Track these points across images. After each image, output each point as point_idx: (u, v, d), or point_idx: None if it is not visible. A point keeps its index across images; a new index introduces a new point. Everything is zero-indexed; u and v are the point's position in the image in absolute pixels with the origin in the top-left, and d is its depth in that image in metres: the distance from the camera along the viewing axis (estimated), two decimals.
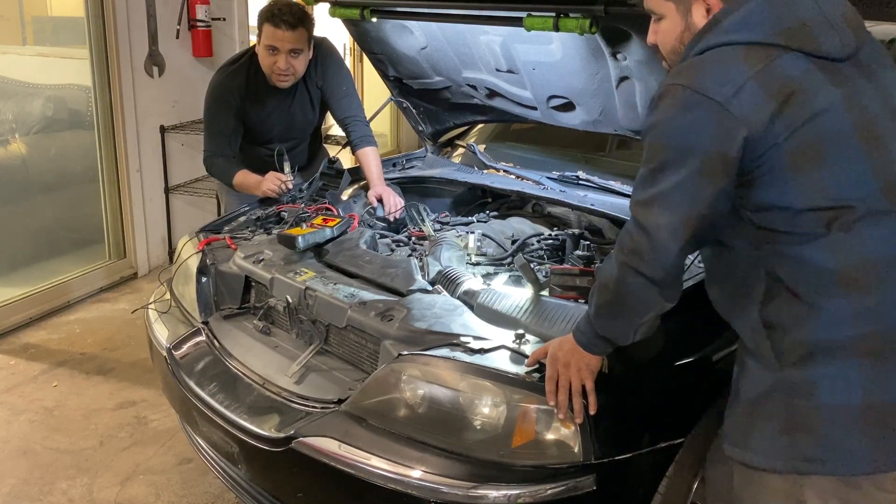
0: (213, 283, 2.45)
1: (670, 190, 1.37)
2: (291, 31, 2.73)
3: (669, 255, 1.40)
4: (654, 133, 1.40)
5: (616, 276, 1.46)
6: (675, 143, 1.36)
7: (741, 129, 1.31)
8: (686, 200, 1.37)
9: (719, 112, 1.31)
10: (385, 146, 7.72)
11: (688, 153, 1.35)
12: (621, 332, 1.53)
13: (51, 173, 4.26)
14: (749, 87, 1.31)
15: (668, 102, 1.37)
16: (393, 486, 1.67)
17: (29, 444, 2.89)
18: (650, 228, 1.39)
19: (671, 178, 1.36)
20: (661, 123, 1.39)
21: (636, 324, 1.51)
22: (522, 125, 3.24)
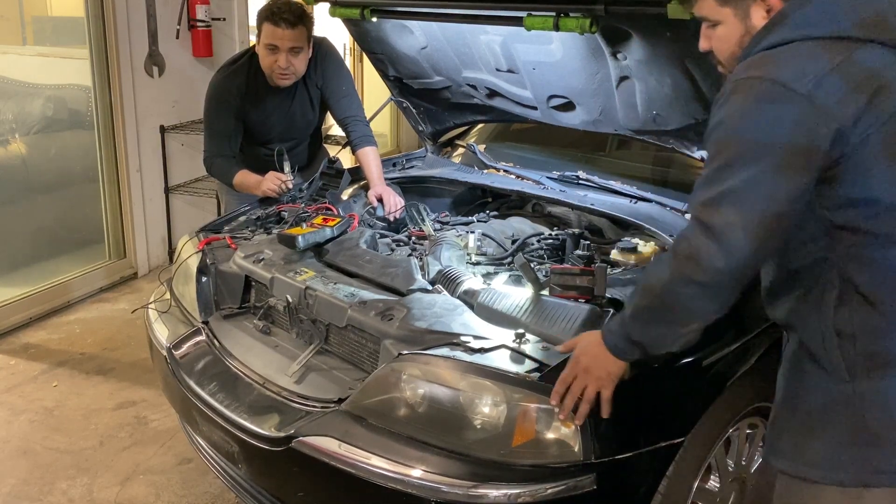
0: (213, 283, 2.45)
1: (743, 186, 1.28)
2: (291, 29, 2.73)
3: (740, 259, 1.30)
4: (724, 128, 1.33)
5: (666, 282, 1.38)
6: (751, 136, 1.29)
7: (830, 122, 1.25)
8: (762, 197, 1.28)
9: (804, 104, 1.26)
10: (385, 146, 7.72)
11: (766, 147, 1.27)
12: (659, 340, 1.46)
13: (51, 173, 4.26)
14: (831, 79, 1.26)
15: (742, 96, 1.30)
16: (393, 486, 1.67)
17: (29, 444, 2.89)
18: (719, 229, 1.29)
19: (744, 174, 1.28)
20: (734, 117, 1.31)
21: (677, 333, 1.43)
22: (522, 125, 3.24)
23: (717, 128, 1.34)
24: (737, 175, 1.28)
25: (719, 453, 1.96)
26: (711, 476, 2.00)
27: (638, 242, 2.29)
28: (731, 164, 1.30)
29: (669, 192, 2.56)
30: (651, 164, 2.93)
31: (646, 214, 2.42)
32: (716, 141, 1.34)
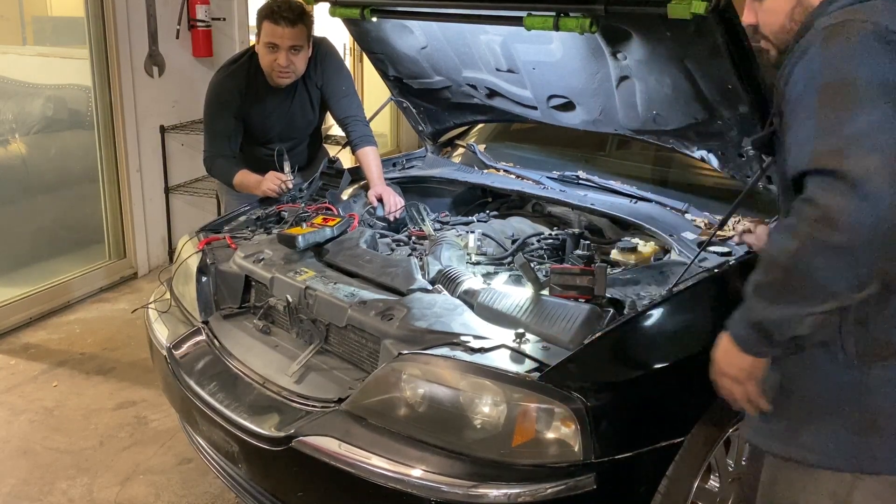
0: (213, 283, 2.45)
1: (873, 129, 1.16)
2: (291, 27, 2.73)
3: (886, 209, 1.13)
4: (829, 73, 1.22)
5: (793, 253, 1.21)
6: (867, 76, 1.20)
7: None
8: (895, 139, 1.16)
9: None
10: (385, 146, 7.72)
11: (887, 87, 1.19)
12: (786, 323, 1.27)
13: (51, 173, 4.26)
14: None
15: (844, 38, 1.22)
16: (393, 486, 1.67)
17: (29, 444, 2.89)
18: (856, 176, 1.14)
19: (869, 116, 1.17)
20: (838, 60, 1.22)
21: (807, 313, 1.24)
22: (522, 125, 3.24)
23: (815, 75, 1.23)
24: (861, 117, 1.17)
25: (719, 453, 1.96)
26: (711, 476, 2.00)
27: (638, 242, 2.30)
28: (849, 108, 1.19)
29: (669, 192, 2.56)
30: (651, 164, 2.93)
31: (646, 214, 2.42)
32: (820, 87, 1.22)
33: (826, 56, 1.23)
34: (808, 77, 1.25)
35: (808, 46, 1.26)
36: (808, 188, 1.20)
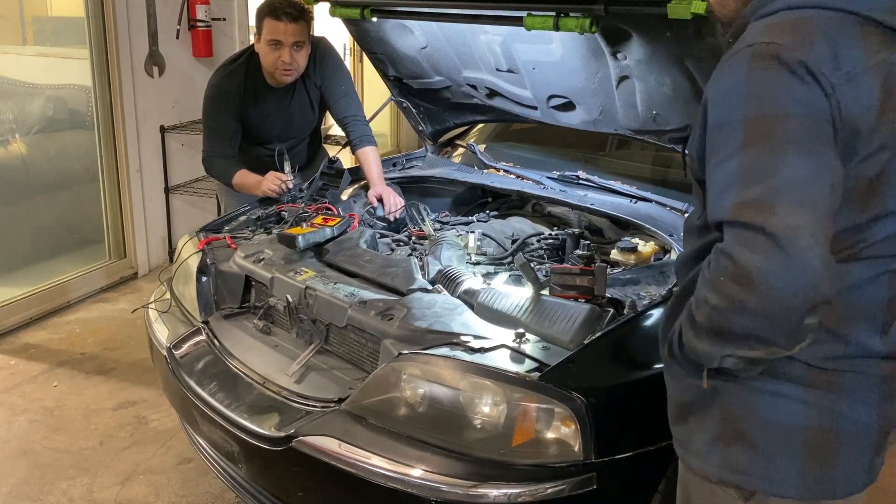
0: (213, 283, 2.45)
1: (806, 178, 1.05)
2: (294, 23, 2.73)
3: (813, 275, 1.03)
4: (757, 103, 1.10)
5: (713, 306, 1.10)
6: (799, 114, 1.08)
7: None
8: (827, 190, 1.06)
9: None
10: (385, 146, 7.72)
11: (818, 128, 1.09)
12: (704, 354, 1.18)
13: (51, 173, 4.25)
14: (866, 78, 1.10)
15: (775, 65, 1.09)
16: (393, 486, 1.67)
17: (29, 444, 2.89)
18: (782, 236, 1.02)
19: (804, 162, 1.06)
20: (763, 90, 1.10)
21: (726, 353, 1.16)
22: (522, 125, 3.25)
23: (740, 104, 1.10)
24: (791, 164, 1.04)
25: None
26: None
27: (638, 242, 2.30)
28: (777, 151, 1.05)
29: (669, 191, 2.56)
30: (651, 164, 2.93)
31: (646, 214, 2.43)
32: (745, 121, 1.09)
33: (753, 82, 1.09)
34: (731, 103, 1.11)
35: (734, 64, 1.13)
36: (727, 239, 1.08)
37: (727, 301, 1.07)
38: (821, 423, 1.23)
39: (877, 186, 1.15)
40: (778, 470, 1.24)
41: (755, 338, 1.09)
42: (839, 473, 1.25)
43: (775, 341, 1.09)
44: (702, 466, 1.32)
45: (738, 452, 1.26)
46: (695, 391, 1.31)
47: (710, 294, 1.10)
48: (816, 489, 1.25)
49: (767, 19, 1.16)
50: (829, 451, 1.23)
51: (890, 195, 1.16)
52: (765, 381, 1.23)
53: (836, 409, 1.22)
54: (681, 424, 1.38)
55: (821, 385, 1.22)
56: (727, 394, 1.27)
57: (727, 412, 1.27)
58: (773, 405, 1.23)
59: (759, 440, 1.25)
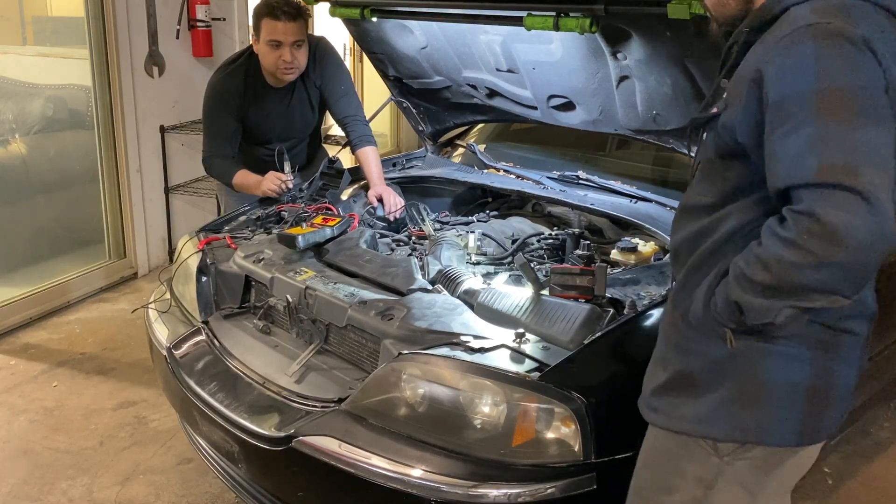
0: (213, 283, 2.45)
1: (881, 143, 1.16)
2: (293, 22, 2.73)
3: (891, 227, 1.14)
4: (829, 77, 1.18)
5: (790, 263, 1.17)
6: (869, 86, 1.20)
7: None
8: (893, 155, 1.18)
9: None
10: (385, 146, 7.72)
11: (881, 100, 1.20)
12: (761, 308, 1.26)
13: (51, 173, 4.25)
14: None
15: (840, 42, 1.19)
16: (393, 486, 1.67)
17: (29, 444, 2.89)
18: (869, 193, 1.12)
19: (877, 129, 1.17)
20: (839, 64, 1.19)
21: (786, 305, 1.24)
22: (522, 125, 3.25)
23: (809, 79, 1.18)
24: (867, 131, 1.15)
25: None
26: None
27: (638, 242, 2.30)
28: (853, 119, 1.15)
29: (669, 191, 2.56)
30: (651, 164, 2.93)
31: (646, 214, 2.43)
32: (817, 93, 1.17)
33: (823, 57, 1.18)
34: (799, 78, 1.19)
35: (797, 43, 1.20)
36: (808, 201, 1.15)
37: (811, 257, 1.15)
38: (822, 382, 1.37)
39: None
40: (781, 422, 1.37)
41: (826, 289, 1.18)
42: (825, 422, 1.40)
43: (844, 291, 1.19)
44: (701, 429, 1.41)
45: (748, 412, 1.37)
46: (705, 359, 1.40)
47: (788, 252, 1.17)
48: (808, 437, 1.41)
49: (808, 4, 1.25)
50: (823, 405, 1.38)
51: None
52: (777, 343, 1.34)
53: (831, 368, 1.37)
54: (671, 393, 1.45)
55: (823, 346, 1.35)
56: (743, 358, 1.36)
57: (741, 376, 1.37)
58: (783, 367, 1.35)
59: (766, 399, 1.36)
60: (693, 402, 1.41)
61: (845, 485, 2.70)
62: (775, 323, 1.27)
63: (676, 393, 1.44)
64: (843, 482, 2.71)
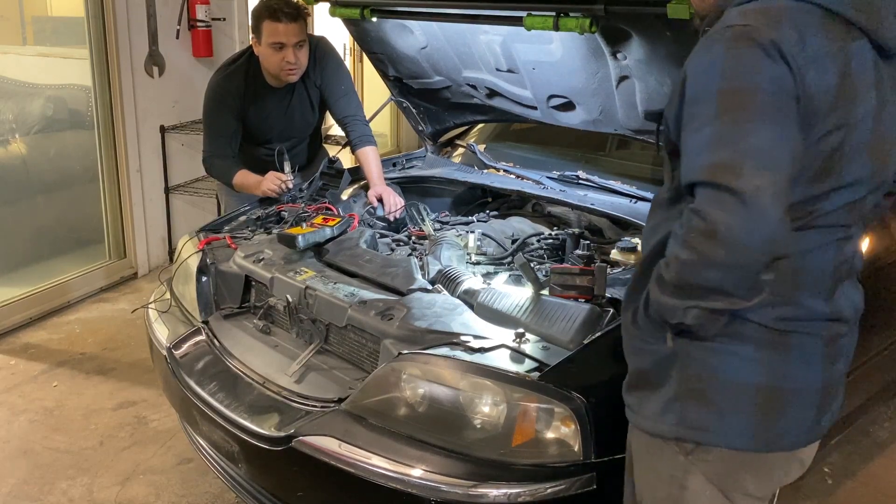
0: (213, 283, 2.45)
1: (771, 144, 1.17)
2: (294, 22, 2.73)
3: (770, 230, 1.16)
4: (733, 77, 1.21)
5: (683, 261, 1.21)
6: (770, 88, 1.20)
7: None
8: (789, 157, 1.19)
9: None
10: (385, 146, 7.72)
11: (786, 101, 1.21)
12: (669, 308, 1.29)
13: (51, 173, 4.25)
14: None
15: (748, 43, 1.20)
16: (393, 485, 1.67)
17: (29, 444, 2.89)
18: (748, 195, 1.14)
19: (771, 130, 1.18)
20: (744, 65, 1.20)
21: (689, 305, 1.26)
22: (522, 125, 3.24)
23: (716, 78, 1.20)
24: (759, 131, 1.16)
25: None
26: None
27: (638, 242, 2.29)
28: (748, 119, 1.17)
29: None
30: (651, 164, 2.93)
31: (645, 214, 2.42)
32: (720, 92, 1.19)
33: (730, 59, 1.20)
34: (708, 77, 1.22)
35: (713, 43, 1.23)
36: (698, 199, 1.19)
37: (697, 255, 1.18)
38: (770, 382, 1.33)
39: (832, 162, 1.26)
40: (731, 424, 1.34)
41: (719, 290, 1.21)
42: (785, 428, 1.35)
43: (736, 293, 1.22)
44: (655, 426, 1.41)
45: (694, 410, 1.35)
46: (653, 357, 1.39)
47: (681, 250, 1.21)
48: (764, 442, 1.36)
49: (743, 6, 1.27)
50: (777, 408, 1.34)
51: (842, 171, 1.27)
52: (721, 342, 1.32)
53: (784, 369, 1.33)
54: (635, 391, 1.46)
55: (771, 345, 1.32)
56: (686, 356, 1.35)
57: (685, 373, 1.36)
58: (728, 365, 1.33)
59: (714, 398, 1.34)
60: (650, 400, 1.41)
61: (845, 485, 2.70)
62: (686, 323, 1.28)
63: (639, 391, 1.45)
64: (843, 482, 2.71)
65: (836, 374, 1.40)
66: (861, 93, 1.26)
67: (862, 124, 1.27)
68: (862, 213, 1.36)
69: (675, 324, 1.30)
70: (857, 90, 1.25)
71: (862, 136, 1.27)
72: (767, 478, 1.41)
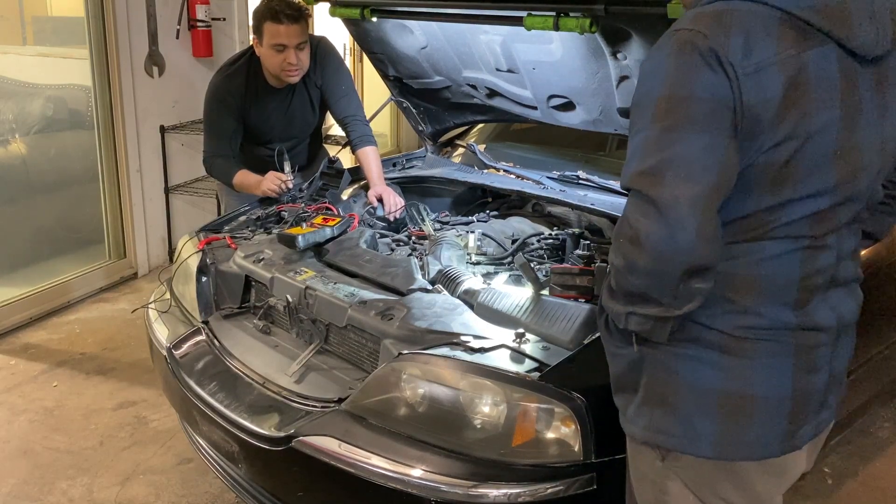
0: (213, 283, 2.45)
1: (696, 154, 1.16)
2: (295, 24, 2.73)
3: (685, 240, 1.16)
4: (667, 84, 1.19)
5: (616, 266, 1.25)
6: (704, 97, 1.18)
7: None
8: (715, 167, 1.17)
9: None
10: (385, 146, 7.72)
11: (719, 111, 1.19)
12: (614, 313, 1.33)
13: (51, 173, 4.26)
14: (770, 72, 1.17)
15: (690, 51, 1.17)
16: (393, 485, 1.67)
17: (29, 444, 2.89)
18: (665, 203, 1.15)
19: (698, 140, 1.17)
20: (679, 73, 1.19)
21: (628, 311, 1.29)
22: (522, 125, 3.24)
23: (658, 83, 1.19)
24: (686, 141, 1.15)
25: None
26: None
27: None
28: (677, 128, 1.16)
29: None
30: None
31: None
32: (658, 99, 1.18)
33: (670, 65, 1.18)
34: (651, 82, 1.21)
35: (660, 48, 1.22)
36: (627, 205, 1.21)
37: (625, 261, 1.21)
38: (735, 388, 1.31)
39: (786, 174, 1.22)
40: (695, 431, 1.32)
41: (647, 297, 1.22)
42: (753, 437, 1.32)
43: (663, 300, 1.22)
44: (631, 429, 1.41)
45: (660, 415, 1.35)
46: (625, 362, 1.39)
47: (615, 256, 1.24)
48: (730, 450, 1.33)
49: (700, 8, 1.24)
50: (743, 415, 1.31)
51: (799, 182, 1.23)
52: (684, 347, 1.31)
53: (749, 376, 1.30)
54: (618, 394, 1.46)
55: (736, 352, 1.30)
56: (652, 360, 1.34)
57: (651, 378, 1.35)
58: (692, 370, 1.31)
59: (679, 403, 1.33)
60: (628, 403, 1.41)
61: (845, 485, 2.70)
62: (629, 328, 1.29)
63: (620, 393, 1.44)
64: (843, 482, 2.71)
65: (817, 384, 1.35)
66: (819, 103, 1.20)
67: (822, 135, 1.21)
68: (835, 224, 1.30)
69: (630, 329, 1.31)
70: (814, 101, 1.20)
71: (823, 146, 1.22)
72: (746, 488, 1.37)
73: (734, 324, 1.29)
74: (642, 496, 1.48)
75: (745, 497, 1.38)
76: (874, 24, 1.24)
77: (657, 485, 1.41)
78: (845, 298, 1.39)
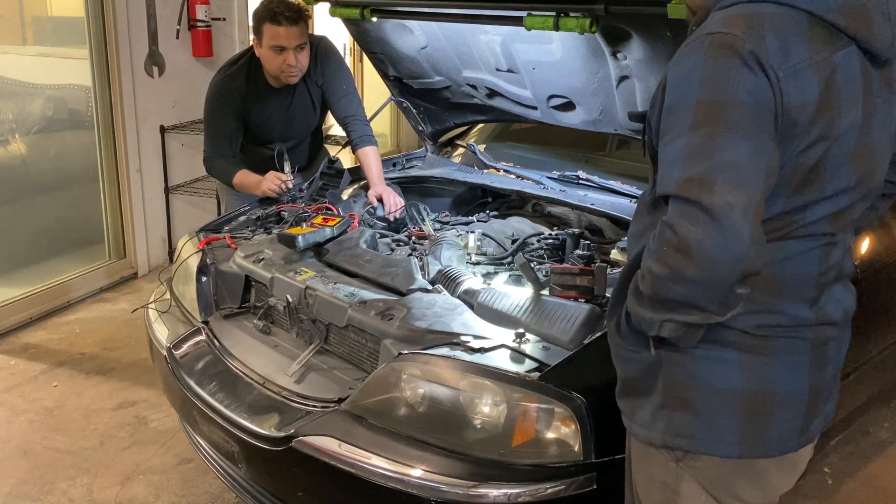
0: (213, 283, 2.45)
1: (745, 159, 1.14)
2: (295, 26, 2.73)
3: (741, 248, 1.12)
4: (710, 88, 1.17)
5: (656, 275, 1.19)
6: (746, 101, 1.17)
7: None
8: (762, 172, 1.16)
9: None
10: (385, 146, 7.71)
11: (765, 115, 1.18)
12: (645, 320, 1.27)
13: (51, 173, 4.25)
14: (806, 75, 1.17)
15: (728, 54, 1.16)
16: (393, 485, 1.67)
17: (29, 444, 2.89)
18: (716, 211, 1.11)
19: (744, 145, 1.15)
20: (721, 76, 1.17)
21: (665, 318, 1.24)
22: (522, 125, 3.24)
23: (694, 88, 1.17)
24: (733, 147, 1.13)
25: None
26: None
27: None
28: (722, 134, 1.14)
29: None
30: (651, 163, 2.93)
31: None
32: (697, 104, 1.16)
33: (708, 68, 1.16)
34: (686, 86, 1.19)
35: (693, 51, 1.20)
36: (671, 212, 1.17)
37: (669, 270, 1.16)
38: (756, 387, 1.31)
39: (814, 175, 1.23)
40: (718, 431, 1.32)
41: (692, 305, 1.19)
42: (773, 434, 1.33)
43: (709, 308, 1.19)
44: (646, 434, 1.39)
45: (680, 418, 1.34)
46: (639, 366, 1.37)
47: (654, 264, 1.19)
48: (752, 448, 1.33)
49: (726, 10, 1.23)
50: (764, 413, 1.32)
51: (826, 182, 1.24)
52: (704, 348, 1.30)
53: (769, 373, 1.31)
54: (627, 398, 1.44)
55: (756, 350, 1.30)
56: (670, 363, 1.33)
57: (670, 381, 1.34)
58: (713, 371, 1.31)
59: (699, 405, 1.32)
60: (641, 408, 1.40)
61: (845, 485, 2.70)
62: (662, 335, 1.25)
63: (630, 397, 1.43)
64: (843, 482, 2.71)
65: (826, 378, 1.38)
66: (846, 105, 1.21)
67: (846, 136, 1.23)
68: (849, 221, 1.34)
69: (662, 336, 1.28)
70: (842, 102, 1.21)
71: (846, 147, 1.24)
72: (763, 484, 1.39)
73: (755, 323, 1.29)
74: (650, 498, 1.46)
75: (760, 494, 1.39)
76: (890, 25, 1.25)
77: (669, 486, 1.40)
78: (845, 292, 1.41)
